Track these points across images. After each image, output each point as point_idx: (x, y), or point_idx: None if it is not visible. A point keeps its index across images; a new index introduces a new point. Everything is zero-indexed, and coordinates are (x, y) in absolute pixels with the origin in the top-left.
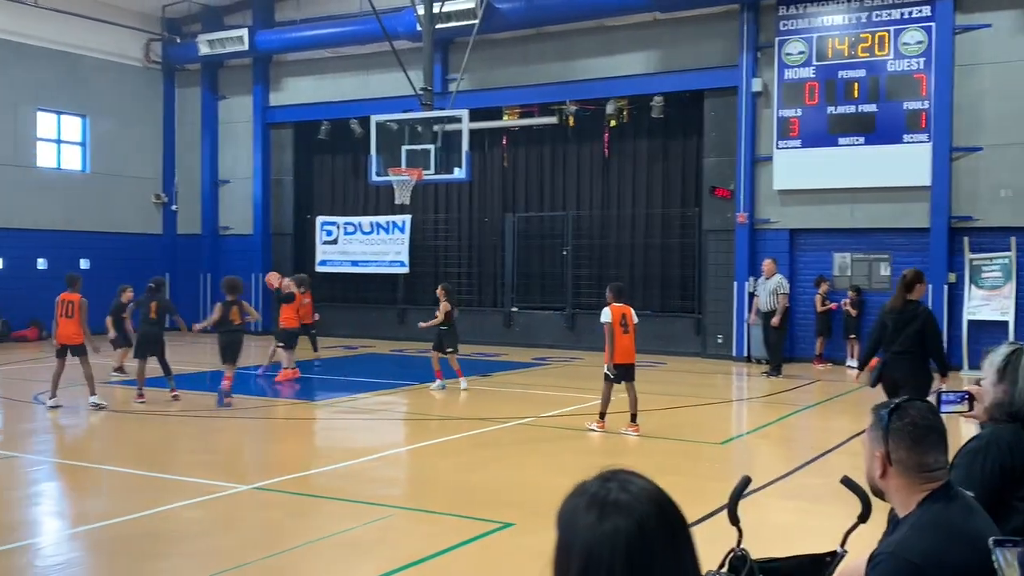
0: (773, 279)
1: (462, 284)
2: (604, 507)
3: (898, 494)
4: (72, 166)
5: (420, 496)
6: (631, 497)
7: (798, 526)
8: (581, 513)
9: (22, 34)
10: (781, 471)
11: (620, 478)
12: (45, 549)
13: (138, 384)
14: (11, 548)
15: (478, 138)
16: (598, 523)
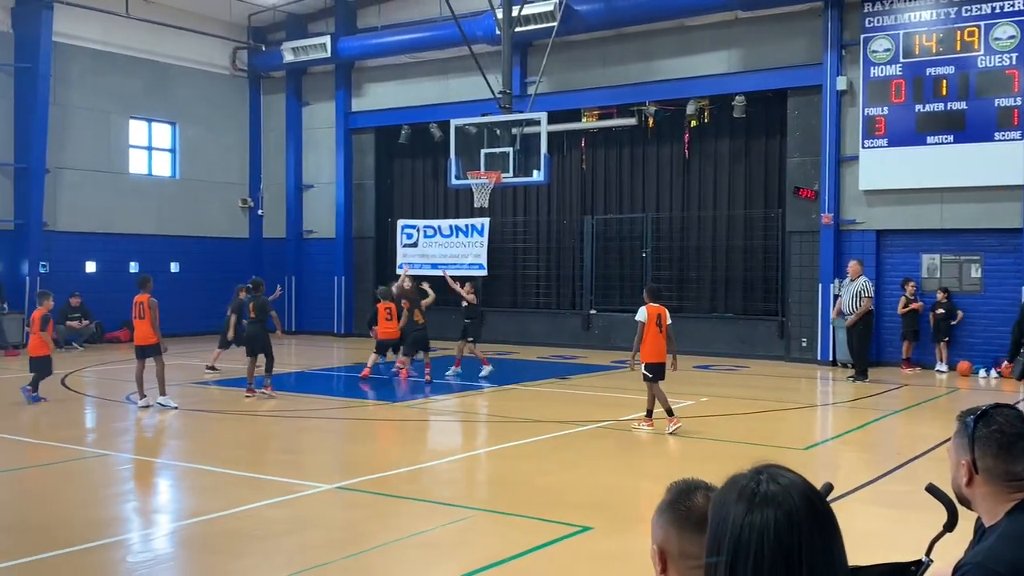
0: (858, 281)
1: (540, 286)
2: (754, 498)
3: (984, 503)
4: (162, 172)
5: (499, 498)
6: (781, 489)
7: (882, 534)
8: (731, 504)
9: (114, 44)
10: (866, 478)
11: (770, 471)
12: (135, 545)
13: (248, 383)
14: (103, 544)
15: (557, 140)
16: (748, 514)
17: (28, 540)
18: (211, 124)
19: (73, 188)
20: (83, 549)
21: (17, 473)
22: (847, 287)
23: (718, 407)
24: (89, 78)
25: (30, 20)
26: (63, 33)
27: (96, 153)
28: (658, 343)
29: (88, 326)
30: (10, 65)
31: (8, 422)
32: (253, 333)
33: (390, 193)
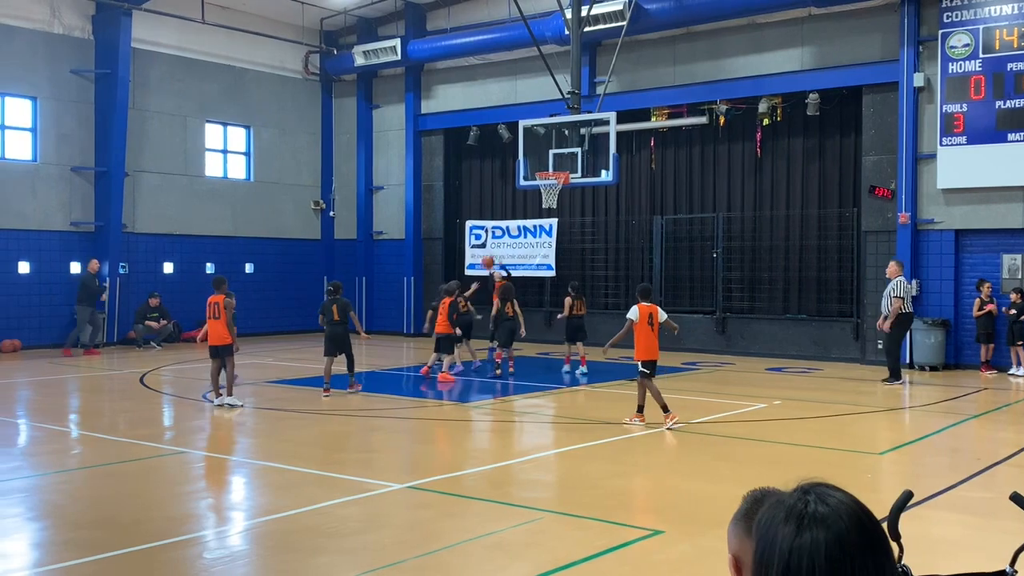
0: (893, 281)
1: (608, 287)
2: (802, 519)
3: None
4: (237, 175)
5: (569, 500)
6: (830, 510)
7: (963, 542)
8: (779, 525)
9: (191, 50)
10: (945, 484)
11: (818, 491)
12: (212, 542)
13: (325, 381)
14: (182, 540)
15: (625, 140)
16: (796, 535)
17: (114, 535)
18: (284, 127)
19: (151, 191)
20: (164, 545)
21: (101, 469)
22: (887, 287)
23: (792, 410)
24: (166, 83)
25: (109, 27)
26: (141, 39)
27: (173, 157)
28: (650, 341)
29: (166, 326)
30: (91, 71)
31: (91, 420)
32: (335, 333)
33: (459, 194)
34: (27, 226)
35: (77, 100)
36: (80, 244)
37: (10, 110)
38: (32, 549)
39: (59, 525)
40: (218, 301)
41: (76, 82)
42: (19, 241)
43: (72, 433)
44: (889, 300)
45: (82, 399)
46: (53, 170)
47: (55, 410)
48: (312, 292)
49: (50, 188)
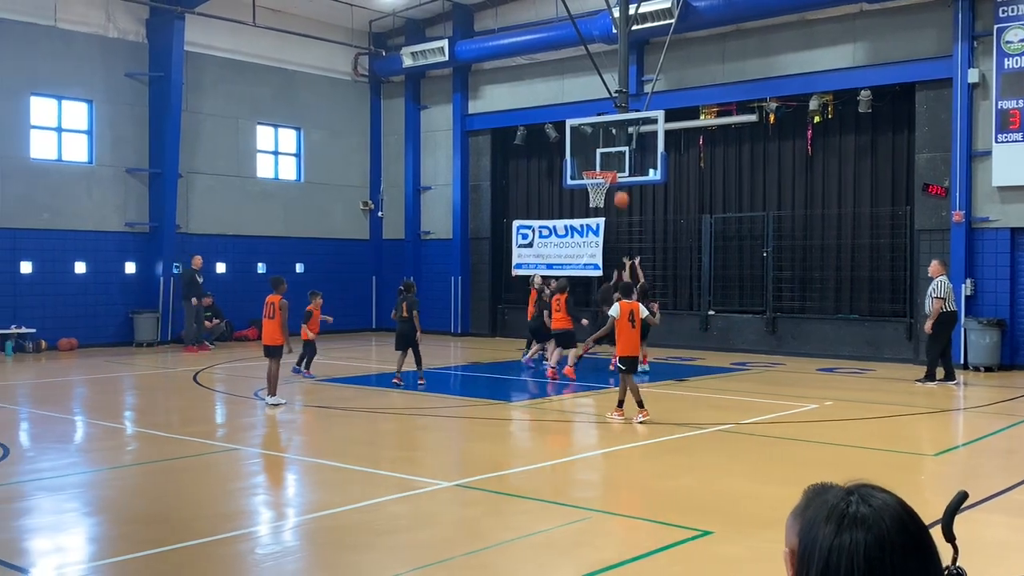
0: (935, 281)
1: (656, 286)
2: (844, 520)
3: None
4: (288, 176)
5: (617, 500)
6: (872, 511)
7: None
8: (820, 524)
9: (242, 52)
10: (1000, 486)
11: (863, 491)
12: (262, 538)
13: (396, 372)
14: (232, 536)
15: (674, 139)
16: (836, 535)
17: (168, 530)
18: (334, 128)
19: (204, 192)
20: (216, 540)
21: (155, 465)
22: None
23: (843, 411)
24: (219, 86)
25: (163, 30)
26: (194, 42)
27: (225, 158)
28: (631, 337)
29: (219, 325)
30: (145, 74)
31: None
32: (402, 331)
33: (506, 194)
34: (83, 227)
35: (132, 103)
36: (135, 244)
37: (67, 113)
38: (88, 543)
39: (114, 520)
40: (274, 301)
41: (131, 85)
42: (75, 241)
43: (127, 430)
44: (930, 300)
45: (137, 396)
46: (108, 172)
47: (110, 407)
48: (361, 292)
49: (105, 189)
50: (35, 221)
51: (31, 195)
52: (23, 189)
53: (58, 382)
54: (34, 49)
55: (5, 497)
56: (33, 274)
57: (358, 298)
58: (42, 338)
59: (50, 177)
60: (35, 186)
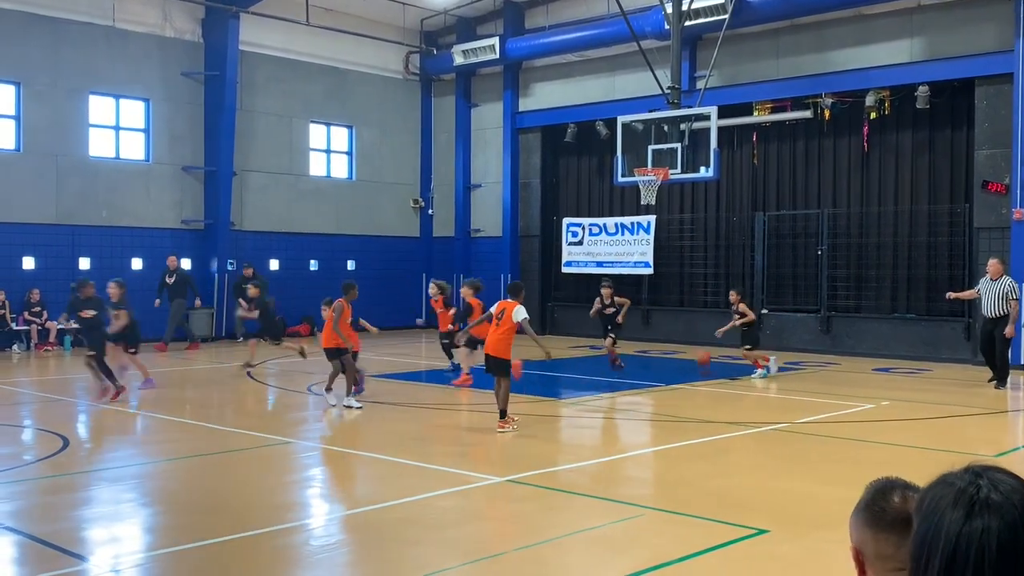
0: (1003, 281)
1: (708, 285)
2: (973, 505)
3: None
4: (340, 174)
5: (670, 498)
6: (1003, 497)
7: None
8: (947, 509)
9: (295, 51)
10: None
11: (990, 475)
12: (315, 530)
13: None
14: (285, 528)
15: (727, 135)
16: (966, 521)
17: (224, 521)
18: (385, 127)
19: (257, 190)
20: (271, 531)
21: (211, 458)
22: (987, 286)
23: (900, 411)
24: (272, 84)
25: (218, 30)
26: (248, 42)
27: (278, 156)
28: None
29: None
30: (200, 73)
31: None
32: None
33: (555, 192)
34: (140, 224)
35: (188, 101)
36: (190, 241)
37: (124, 112)
38: (146, 533)
39: (171, 510)
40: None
41: (187, 84)
42: (133, 238)
43: (183, 423)
44: (1003, 302)
45: (192, 390)
46: (165, 170)
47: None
48: (411, 289)
49: (162, 187)
50: (94, 218)
51: (90, 193)
52: (82, 187)
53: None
54: (93, 49)
55: (65, 487)
56: (91, 270)
57: (408, 296)
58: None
59: (108, 175)
60: (93, 184)
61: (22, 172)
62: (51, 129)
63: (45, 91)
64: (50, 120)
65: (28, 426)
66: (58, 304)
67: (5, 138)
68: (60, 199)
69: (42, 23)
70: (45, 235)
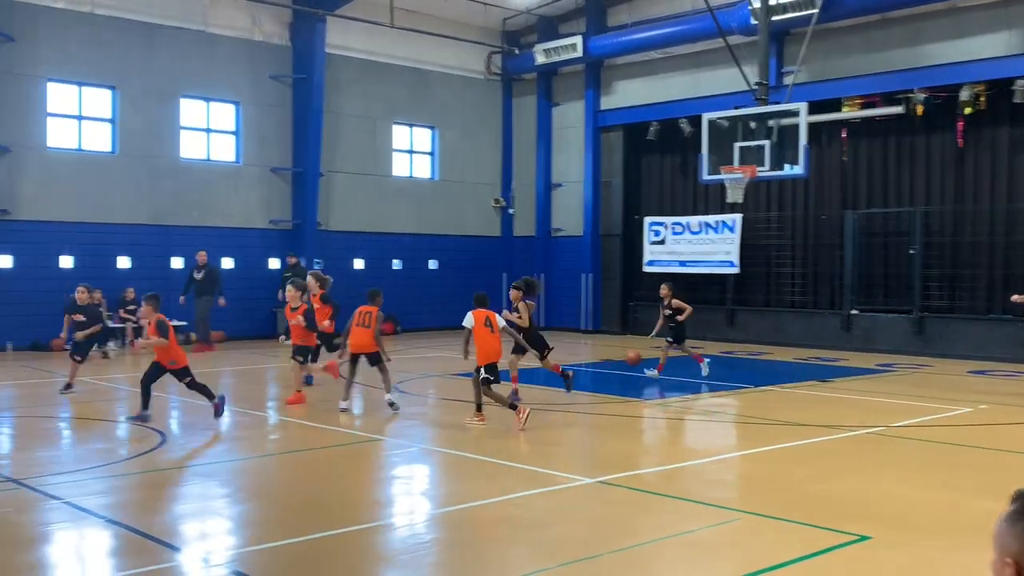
0: None
1: (795, 285)
2: None
3: None
4: (422, 174)
5: (765, 502)
6: None
7: None
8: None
9: (379, 53)
10: None
11: None
12: (408, 528)
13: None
14: (377, 525)
15: (815, 132)
16: None
17: (318, 517)
18: (467, 127)
19: (343, 190)
20: (363, 529)
21: (303, 454)
22: None
23: (999, 415)
24: (357, 86)
25: (305, 33)
26: (334, 44)
27: (363, 157)
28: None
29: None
30: (288, 76)
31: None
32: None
33: (638, 190)
34: (230, 224)
35: (276, 104)
36: (279, 241)
37: (215, 115)
38: (240, 528)
39: (265, 506)
40: (371, 311)
41: (275, 87)
42: (223, 238)
43: (273, 419)
44: None
45: (281, 387)
46: (254, 171)
47: (257, 397)
48: (492, 288)
49: (251, 188)
50: (185, 218)
51: (182, 194)
52: (174, 188)
53: (207, 373)
54: (184, 53)
55: (163, 482)
56: (184, 269)
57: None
58: (191, 331)
59: (199, 176)
60: (185, 185)
61: (118, 174)
62: (145, 132)
63: (139, 95)
64: (144, 123)
65: (125, 421)
66: None
67: (102, 141)
68: (153, 200)
69: (137, 29)
70: (139, 235)
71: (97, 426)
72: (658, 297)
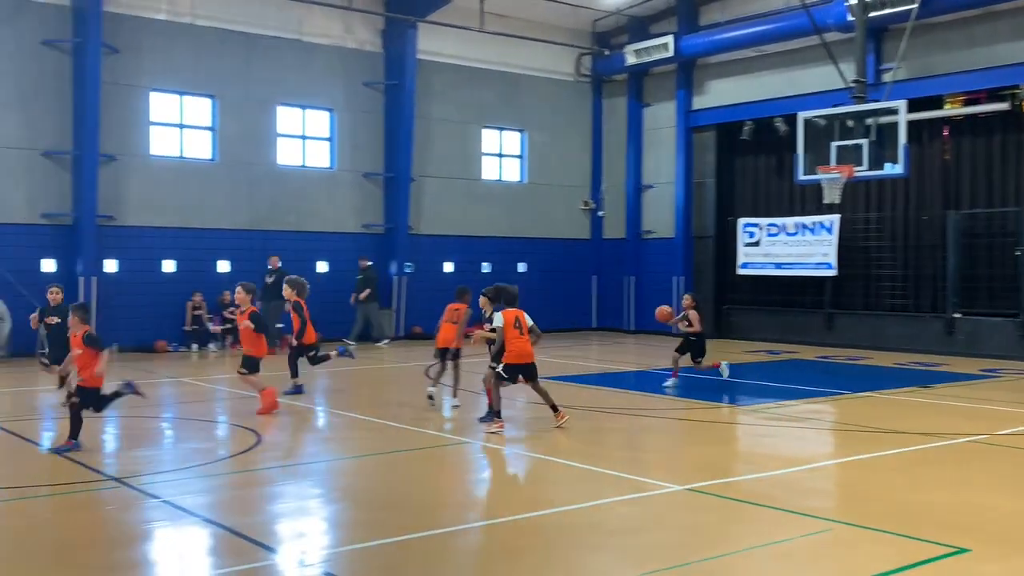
0: None
1: (896, 287)
2: None
3: None
4: (512, 177)
5: (859, 512)
6: None
7: None
8: None
9: (469, 58)
10: None
11: None
12: (495, 531)
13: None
14: (466, 528)
15: (915, 130)
16: None
17: (406, 518)
18: (556, 130)
19: (433, 195)
20: (452, 531)
21: (393, 455)
22: None
23: None
24: (447, 91)
25: (397, 40)
26: (425, 50)
27: (452, 162)
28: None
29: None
30: (380, 83)
31: (382, 409)
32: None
33: (731, 191)
34: (324, 228)
35: (368, 111)
36: (370, 245)
37: (310, 122)
38: (333, 528)
39: (356, 507)
40: (460, 308)
41: (367, 93)
42: (317, 242)
43: (365, 420)
44: None
45: (373, 389)
46: (348, 176)
47: (350, 399)
48: (581, 291)
49: (344, 193)
50: (281, 223)
51: (278, 199)
52: (271, 194)
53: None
54: (281, 62)
55: (258, 481)
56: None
57: (578, 297)
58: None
59: (295, 182)
60: (282, 191)
61: (217, 181)
62: (243, 139)
63: (238, 103)
64: (242, 131)
65: (223, 422)
66: None
67: (202, 148)
68: (252, 206)
69: (235, 39)
70: (238, 240)
71: (197, 426)
72: (753, 301)
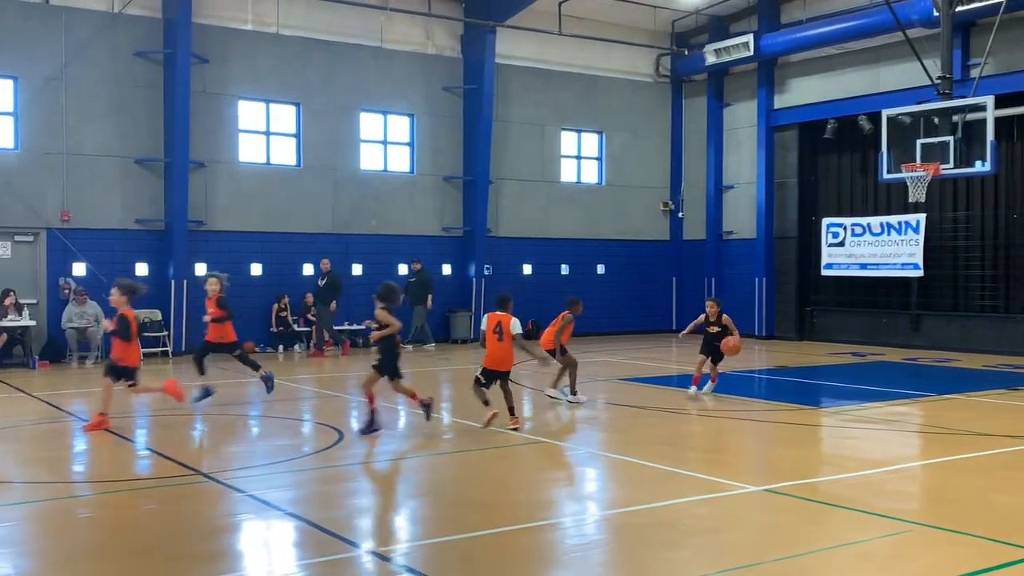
0: None
1: (985, 288)
2: None
3: None
4: (590, 179)
5: (940, 514)
6: None
7: None
8: None
9: (548, 61)
10: None
11: None
12: (570, 529)
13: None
14: (541, 525)
15: (1004, 126)
16: None
17: (483, 515)
18: (634, 131)
19: (511, 197)
20: (527, 528)
21: (470, 454)
22: None
23: None
24: (526, 94)
25: (476, 45)
26: (503, 54)
27: (530, 164)
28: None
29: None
30: (460, 87)
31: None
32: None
33: (814, 191)
34: (405, 232)
35: (448, 115)
36: (451, 248)
37: (392, 127)
38: (412, 524)
39: (434, 503)
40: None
41: (447, 98)
42: (398, 245)
43: (444, 419)
44: None
45: (451, 389)
46: (428, 180)
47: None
48: (660, 293)
49: (425, 197)
50: (364, 227)
51: (361, 204)
52: (354, 198)
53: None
54: (363, 69)
55: (340, 477)
56: (362, 276)
57: (657, 299)
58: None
59: (377, 187)
60: (364, 195)
61: (302, 186)
62: (327, 145)
63: (321, 110)
64: (326, 137)
65: (307, 420)
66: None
67: (288, 155)
68: (335, 210)
69: (319, 47)
70: (322, 244)
71: (282, 424)
72: (837, 303)
